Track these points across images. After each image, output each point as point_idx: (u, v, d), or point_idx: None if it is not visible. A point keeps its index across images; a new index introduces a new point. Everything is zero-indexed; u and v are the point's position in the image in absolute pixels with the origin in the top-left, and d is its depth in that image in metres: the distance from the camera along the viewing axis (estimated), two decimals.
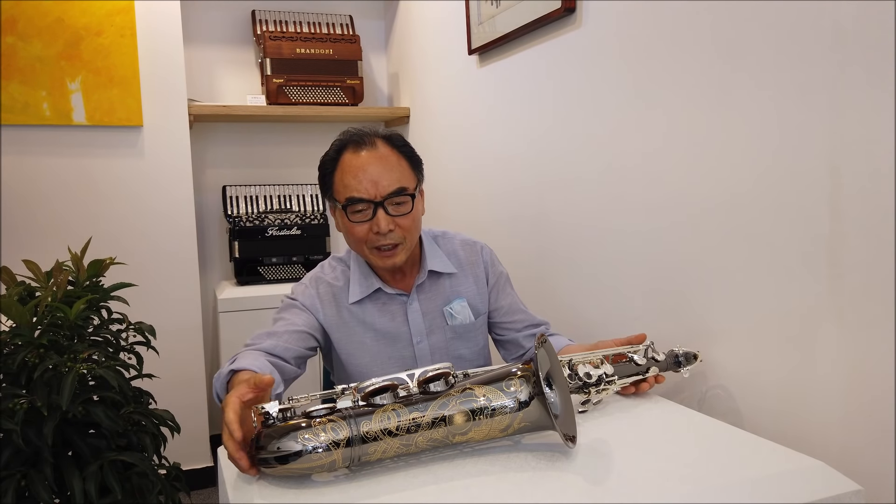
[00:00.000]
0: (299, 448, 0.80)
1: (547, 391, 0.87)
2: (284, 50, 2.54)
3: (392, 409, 0.85)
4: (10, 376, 1.23)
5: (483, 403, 0.87)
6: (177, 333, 2.33)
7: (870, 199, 0.92)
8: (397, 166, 1.21)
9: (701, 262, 1.22)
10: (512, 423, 0.88)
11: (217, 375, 1.09)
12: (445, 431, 0.86)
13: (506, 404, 0.87)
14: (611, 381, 1.07)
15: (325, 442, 0.81)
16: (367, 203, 1.18)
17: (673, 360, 1.16)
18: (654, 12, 1.29)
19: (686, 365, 1.16)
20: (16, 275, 1.34)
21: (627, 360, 1.12)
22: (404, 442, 0.85)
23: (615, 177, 1.44)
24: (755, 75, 1.08)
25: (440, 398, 0.87)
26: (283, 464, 0.81)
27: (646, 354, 1.13)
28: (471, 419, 0.86)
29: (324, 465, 0.81)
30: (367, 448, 0.83)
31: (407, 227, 1.21)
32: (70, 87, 2.17)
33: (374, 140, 1.21)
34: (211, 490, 2.37)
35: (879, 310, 0.92)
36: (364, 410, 0.85)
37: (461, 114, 2.17)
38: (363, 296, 1.27)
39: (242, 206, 2.62)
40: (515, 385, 0.88)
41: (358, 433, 0.82)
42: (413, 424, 0.85)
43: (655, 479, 0.82)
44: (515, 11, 1.72)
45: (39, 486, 1.16)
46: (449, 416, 0.86)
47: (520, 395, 0.87)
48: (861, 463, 0.94)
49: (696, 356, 1.18)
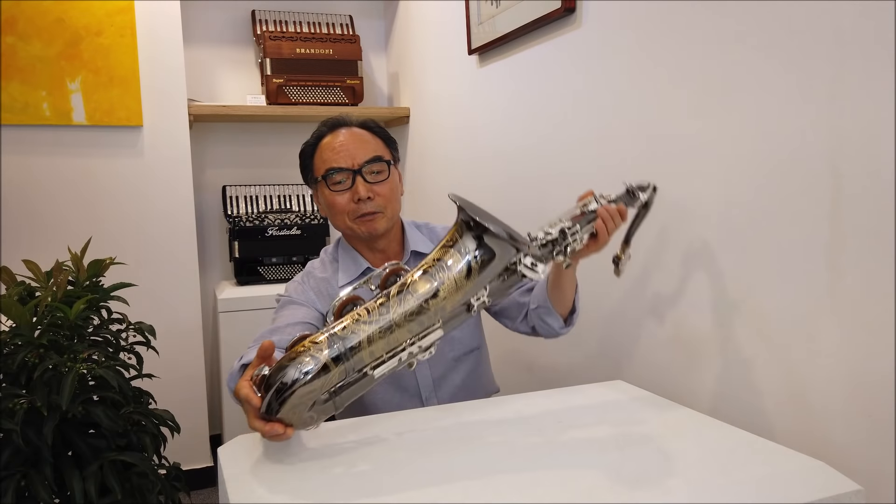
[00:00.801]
0: (296, 375, 0.82)
1: (493, 227, 0.85)
2: (284, 50, 2.54)
3: (362, 310, 0.87)
4: (10, 376, 1.23)
5: (438, 265, 0.88)
6: (177, 333, 2.33)
7: (870, 199, 0.92)
8: (372, 141, 1.29)
9: (700, 261, 1.22)
10: (472, 267, 0.87)
11: (229, 376, 1.11)
12: (414, 300, 0.86)
13: (458, 258, 0.87)
14: (574, 231, 1.02)
15: (315, 363, 0.83)
16: (345, 172, 1.25)
17: (627, 194, 1.12)
18: (654, 12, 1.29)
19: (642, 193, 1.11)
20: (16, 275, 1.34)
21: (583, 215, 1.06)
22: (383, 327, 0.85)
23: (615, 177, 1.44)
24: (755, 75, 1.08)
25: (397, 285, 0.89)
26: (289, 397, 0.82)
27: (597, 201, 1.07)
28: (432, 278, 0.87)
29: (327, 383, 0.83)
30: (356, 354, 0.84)
31: (385, 194, 1.26)
32: (70, 87, 2.17)
33: (349, 123, 1.31)
34: (211, 490, 2.37)
35: (879, 310, 0.92)
36: (339, 324, 0.86)
37: (461, 114, 2.17)
38: (353, 278, 1.30)
39: (242, 206, 2.62)
40: (456, 240, 0.89)
41: (342, 344, 0.84)
42: (384, 308, 0.86)
43: (655, 478, 0.82)
44: (515, 11, 1.72)
45: (39, 486, 1.16)
46: (411, 282, 0.87)
47: (466, 246, 0.87)
48: (861, 463, 0.94)
49: (650, 185, 1.12)
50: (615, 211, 1.07)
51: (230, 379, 1.11)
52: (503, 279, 0.92)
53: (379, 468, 0.87)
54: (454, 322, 0.92)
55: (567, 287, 1.21)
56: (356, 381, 0.88)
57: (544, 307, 1.24)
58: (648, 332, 1.36)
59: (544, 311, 1.24)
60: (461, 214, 0.89)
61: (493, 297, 0.92)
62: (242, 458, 0.91)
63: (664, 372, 1.32)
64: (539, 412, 1.06)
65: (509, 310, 1.33)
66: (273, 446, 0.94)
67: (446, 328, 0.90)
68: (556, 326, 1.25)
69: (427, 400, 1.31)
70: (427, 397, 1.31)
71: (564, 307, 1.24)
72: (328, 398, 0.87)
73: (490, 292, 0.91)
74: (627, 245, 1.16)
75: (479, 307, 0.91)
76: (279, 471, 0.87)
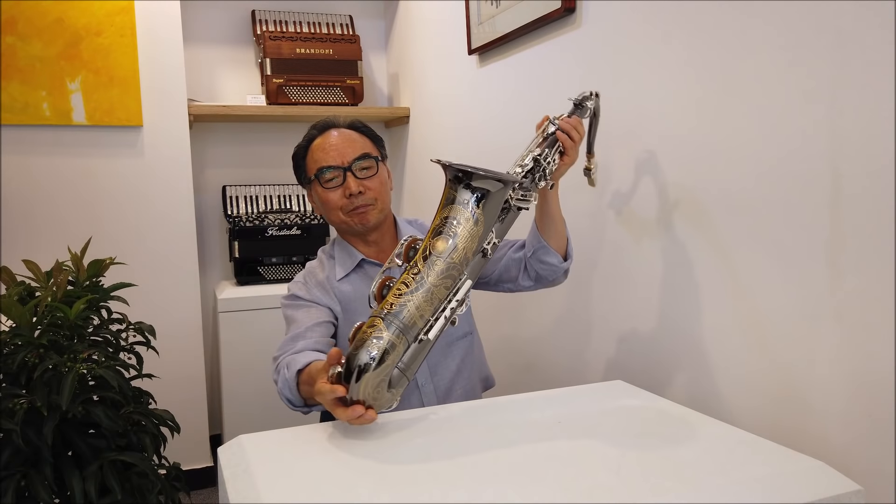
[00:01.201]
0: (367, 359, 0.91)
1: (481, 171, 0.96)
2: (284, 50, 2.54)
3: (401, 283, 0.96)
4: (10, 376, 1.23)
5: (447, 223, 0.98)
6: (177, 333, 2.33)
7: (870, 199, 0.92)
8: (360, 140, 1.35)
9: (701, 261, 1.22)
10: (476, 213, 0.97)
11: (284, 384, 1.13)
12: (441, 261, 0.96)
13: (462, 210, 0.97)
14: (545, 155, 1.14)
15: (381, 342, 0.91)
16: (336, 170, 1.31)
17: (577, 108, 1.24)
18: (653, 12, 1.29)
19: (588, 102, 1.24)
20: (16, 275, 1.34)
21: (546, 139, 1.18)
22: (425, 292, 0.94)
23: (614, 176, 1.44)
24: (755, 75, 1.08)
25: (419, 252, 0.98)
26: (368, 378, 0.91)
27: (553, 123, 1.19)
28: (447, 236, 0.97)
29: (396, 358, 0.92)
30: (411, 323, 0.93)
31: (375, 188, 1.32)
32: (70, 87, 2.17)
33: (337, 125, 1.37)
34: (211, 490, 2.37)
35: (879, 310, 0.92)
36: (386, 303, 0.95)
37: (461, 114, 2.17)
38: (349, 270, 1.34)
39: (242, 206, 2.62)
40: (453, 197, 0.98)
41: (397, 319, 0.93)
42: (419, 276, 0.95)
43: (655, 478, 0.82)
44: (515, 11, 1.72)
45: (39, 486, 1.16)
46: (430, 246, 0.97)
47: (463, 197, 0.97)
48: (861, 463, 0.94)
49: (592, 93, 1.25)
50: (571, 124, 1.19)
51: (284, 386, 1.13)
52: (502, 220, 1.05)
53: (379, 468, 0.87)
54: (476, 270, 1.03)
55: (556, 216, 1.25)
56: (417, 349, 0.97)
57: (541, 247, 1.27)
58: (648, 332, 1.36)
59: (542, 251, 1.27)
60: (449, 172, 1.00)
61: (499, 237, 1.05)
62: (242, 458, 0.91)
63: (664, 372, 1.32)
64: (539, 412, 1.06)
65: (508, 271, 1.35)
66: (272, 446, 0.94)
67: (473, 278, 1.02)
68: (556, 262, 1.28)
69: (423, 387, 1.33)
70: (423, 384, 1.33)
71: (559, 241, 1.27)
72: (400, 373, 0.95)
73: (497, 233, 1.04)
74: (592, 154, 1.31)
75: (492, 250, 1.03)
76: (279, 471, 0.87)
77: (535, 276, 1.31)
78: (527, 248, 1.30)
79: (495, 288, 1.39)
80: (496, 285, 1.38)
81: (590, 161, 1.31)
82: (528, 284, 1.33)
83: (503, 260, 1.34)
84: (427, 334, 0.97)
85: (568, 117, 1.21)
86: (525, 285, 1.33)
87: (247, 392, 2.34)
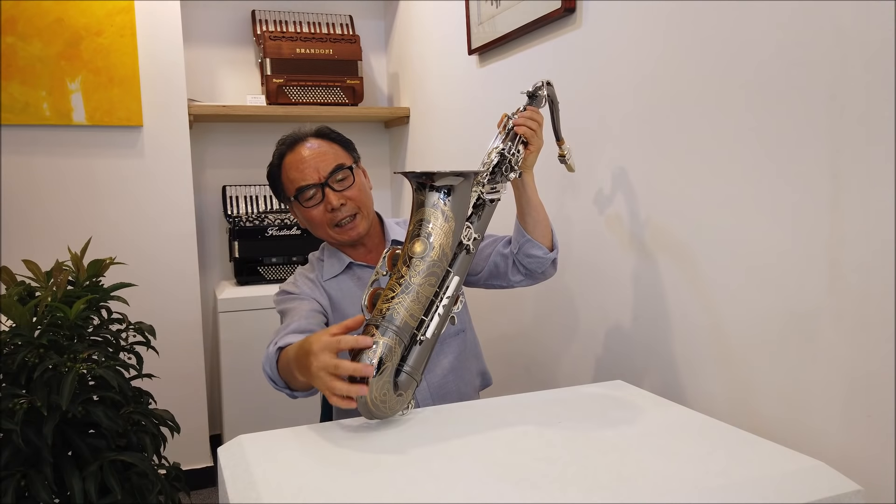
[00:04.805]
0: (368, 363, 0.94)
1: (439, 171, 1.01)
2: (284, 50, 2.54)
3: (387, 290, 1.00)
4: (10, 376, 1.23)
5: (421, 225, 1.02)
6: (176, 333, 2.33)
7: (870, 199, 0.92)
8: (330, 151, 1.34)
9: (700, 261, 1.22)
10: (444, 211, 1.01)
11: (266, 360, 1.15)
12: (420, 261, 1.00)
13: (432, 211, 1.02)
14: (509, 149, 1.17)
15: (377, 347, 0.95)
16: (314, 187, 1.31)
17: (531, 98, 1.27)
18: (654, 12, 1.29)
19: (541, 91, 1.26)
20: (16, 275, 1.34)
21: (508, 135, 1.21)
22: (411, 293, 0.98)
23: (614, 176, 1.44)
24: (755, 75, 1.08)
25: (400, 258, 1.02)
26: (371, 381, 0.95)
27: (511, 117, 1.23)
28: (422, 237, 1.01)
29: (394, 359, 0.97)
30: (403, 325, 0.97)
31: (356, 196, 1.32)
32: (70, 87, 2.17)
33: (305, 137, 1.35)
34: (211, 490, 2.37)
35: (879, 310, 0.92)
36: (377, 312, 0.99)
37: (461, 114, 2.17)
38: (338, 272, 1.35)
39: (242, 206, 2.62)
40: (422, 201, 1.03)
41: (390, 324, 0.96)
42: (403, 280, 0.99)
43: (655, 479, 0.82)
44: (515, 11, 1.72)
45: (39, 486, 1.16)
46: (408, 249, 1.01)
47: (431, 199, 1.02)
48: (861, 463, 0.94)
49: (543, 82, 1.27)
50: (526, 115, 1.21)
51: (266, 361, 1.15)
52: (479, 216, 1.10)
53: (379, 468, 0.87)
54: (463, 267, 1.06)
55: (535, 204, 1.26)
56: (419, 350, 1.01)
57: (525, 241, 1.28)
58: (648, 332, 1.36)
59: (527, 245, 1.28)
60: (412, 180, 1.04)
61: (479, 232, 1.09)
62: (242, 458, 0.91)
63: (664, 372, 1.32)
64: (538, 412, 1.06)
65: (498, 267, 1.35)
66: (272, 446, 0.94)
67: (460, 273, 1.05)
68: (542, 254, 1.28)
69: (418, 383, 1.32)
70: (417, 381, 1.32)
71: (544, 231, 1.28)
72: (407, 376, 1.00)
73: (476, 229, 1.08)
74: (561, 140, 1.34)
75: (473, 245, 1.07)
76: (279, 471, 0.87)
77: (524, 270, 1.32)
78: (513, 244, 1.32)
79: (487, 285, 1.40)
80: (488, 282, 1.39)
81: (561, 148, 1.34)
82: (518, 280, 1.34)
83: (492, 256, 1.35)
84: (424, 334, 1.00)
85: (524, 110, 1.23)
86: (516, 280, 1.34)
87: (247, 392, 2.34)
